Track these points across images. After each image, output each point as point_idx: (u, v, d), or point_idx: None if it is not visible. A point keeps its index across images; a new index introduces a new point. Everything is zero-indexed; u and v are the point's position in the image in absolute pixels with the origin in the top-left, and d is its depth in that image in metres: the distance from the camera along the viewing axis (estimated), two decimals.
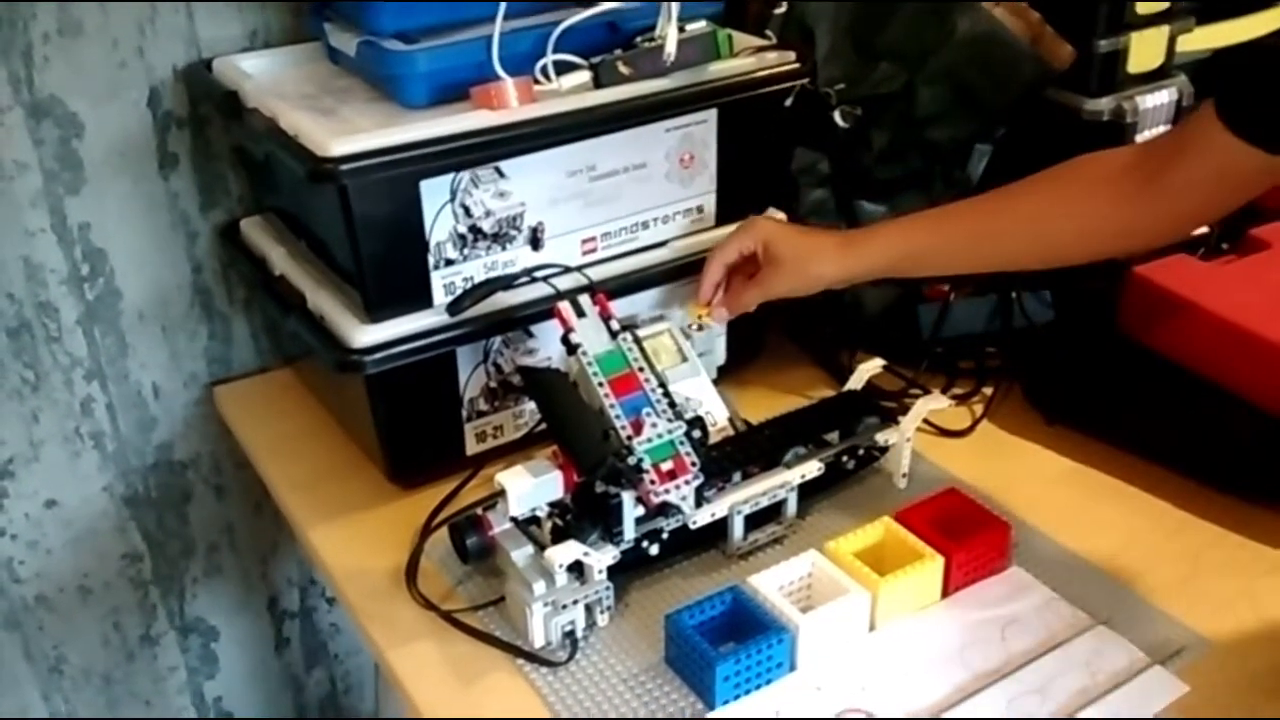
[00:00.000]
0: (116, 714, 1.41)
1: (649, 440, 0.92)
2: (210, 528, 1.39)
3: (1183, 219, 0.94)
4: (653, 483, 0.90)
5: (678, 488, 0.92)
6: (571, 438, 0.92)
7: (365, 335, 1.00)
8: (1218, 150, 0.85)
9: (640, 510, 0.93)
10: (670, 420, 0.93)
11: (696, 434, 0.95)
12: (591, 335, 0.96)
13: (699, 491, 0.94)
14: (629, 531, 0.93)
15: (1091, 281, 1.16)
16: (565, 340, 0.96)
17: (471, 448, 1.11)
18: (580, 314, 0.98)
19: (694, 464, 0.92)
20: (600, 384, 0.93)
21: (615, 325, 0.97)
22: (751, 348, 1.25)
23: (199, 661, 1.46)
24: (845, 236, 1.07)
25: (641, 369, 0.96)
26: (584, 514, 0.92)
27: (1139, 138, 1.21)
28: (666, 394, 0.95)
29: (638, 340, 0.97)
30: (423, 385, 1.05)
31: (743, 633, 0.88)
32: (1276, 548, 0.99)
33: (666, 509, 0.93)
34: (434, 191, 0.99)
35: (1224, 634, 0.91)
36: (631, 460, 0.90)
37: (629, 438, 0.91)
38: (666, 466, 0.92)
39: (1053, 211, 0.96)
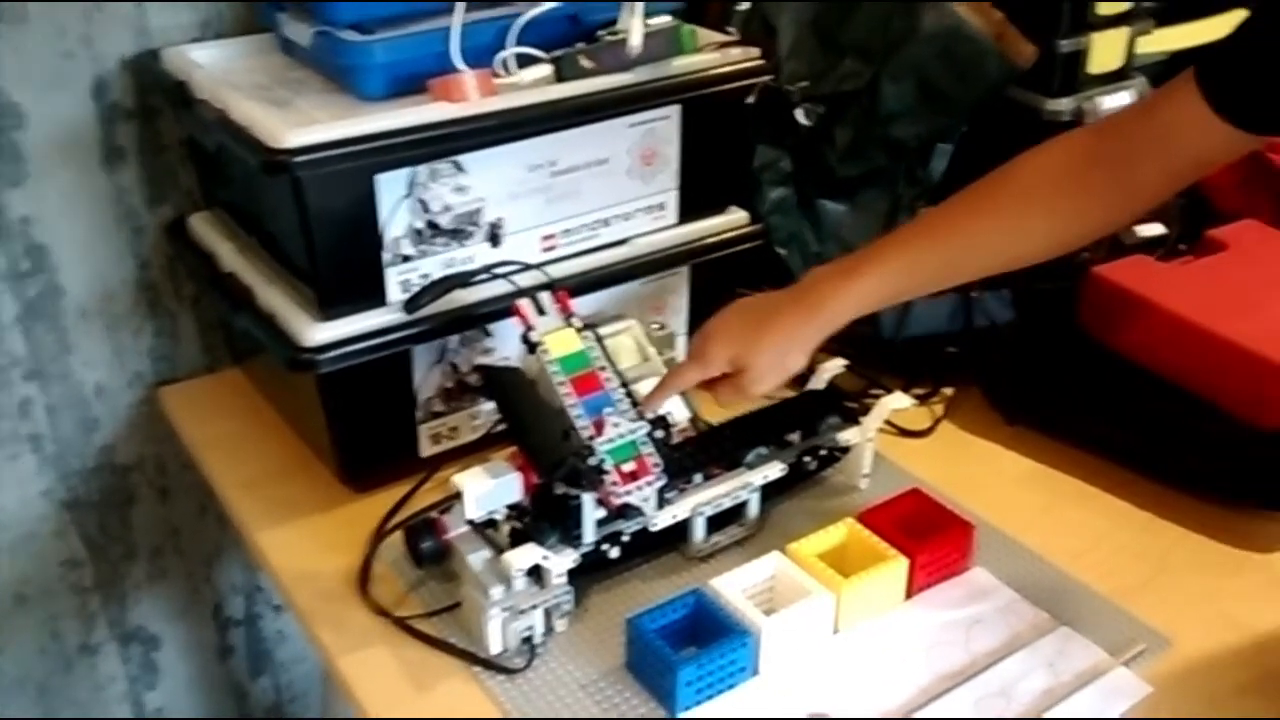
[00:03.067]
0: None
1: (611, 440, 0.90)
2: (154, 532, 1.36)
3: (1150, 202, 0.91)
4: (614, 484, 0.89)
5: (640, 489, 0.90)
6: (531, 438, 0.90)
7: (318, 333, 0.98)
8: (1200, 136, 0.82)
9: (601, 512, 0.91)
10: (632, 420, 0.92)
11: (659, 434, 0.93)
12: (552, 333, 0.94)
13: (660, 493, 0.93)
14: (589, 534, 0.91)
15: (1051, 281, 1.16)
16: (526, 338, 0.94)
17: (426, 449, 1.09)
18: (541, 312, 0.96)
19: (656, 465, 0.91)
20: (561, 383, 0.92)
21: (577, 323, 0.96)
22: None
23: (140, 670, 1.42)
24: (805, 311, 0.94)
25: (603, 368, 0.94)
26: (543, 516, 0.90)
27: None
28: (629, 393, 0.94)
29: (599, 339, 0.96)
30: (376, 385, 1.03)
31: (705, 637, 0.86)
32: (1238, 548, 1.00)
33: (627, 511, 0.92)
34: (390, 185, 0.96)
35: (1187, 634, 0.91)
36: (593, 461, 0.89)
37: (590, 438, 0.90)
38: (628, 467, 0.90)
39: (1023, 221, 0.91)
